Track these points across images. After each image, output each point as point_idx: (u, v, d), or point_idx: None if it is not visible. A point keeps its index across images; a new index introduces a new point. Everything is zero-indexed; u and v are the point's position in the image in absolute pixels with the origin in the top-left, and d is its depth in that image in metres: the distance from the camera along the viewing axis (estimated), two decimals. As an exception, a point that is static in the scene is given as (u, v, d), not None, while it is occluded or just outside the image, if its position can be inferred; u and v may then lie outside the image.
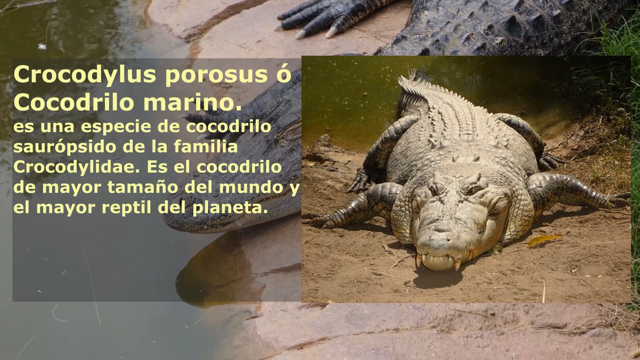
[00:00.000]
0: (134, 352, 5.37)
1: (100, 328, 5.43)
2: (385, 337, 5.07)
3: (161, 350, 5.39)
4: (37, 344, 5.36)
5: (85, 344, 5.40)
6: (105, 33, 7.82)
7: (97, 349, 5.38)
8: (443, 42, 5.97)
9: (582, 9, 6.36)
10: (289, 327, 5.18)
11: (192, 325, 5.45)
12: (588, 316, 5.23)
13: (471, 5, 6.18)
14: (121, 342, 5.39)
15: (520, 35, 6.11)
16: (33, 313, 5.54)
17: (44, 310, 5.52)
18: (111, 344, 5.38)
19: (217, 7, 7.61)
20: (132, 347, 5.39)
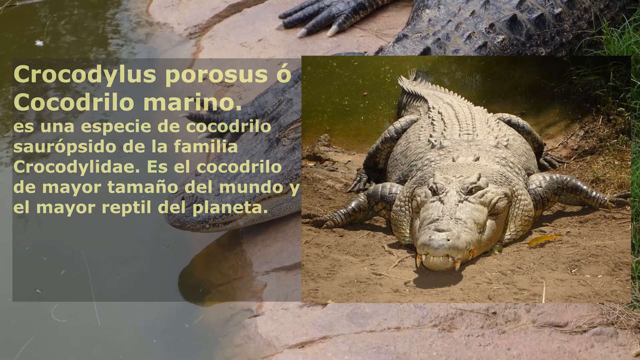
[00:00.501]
0: (134, 351, 5.37)
1: (101, 328, 5.42)
2: (386, 336, 5.07)
3: (162, 349, 5.39)
4: (37, 344, 5.36)
5: (85, 343, 5.40)
6: (106, 32, 7.82)
7: (97, 348, 5.37)
8: (444, 40, 5.97)
9: (584, 7, 6.36)
10: (290, 325, 5.18)
11: (192, 324, 5.45)
12: (589, 315, 5.22)
13: (472, 4, 6.17)
14: (122, 342, 5.38)
15: (521, 34, 6.11)
16: (33, 313, 5.53)
17: (44, 310, 5.52)
18: (111, 343, 5.38)
19: (218, 6, 7.61)
20: (133, 346, 5.39)
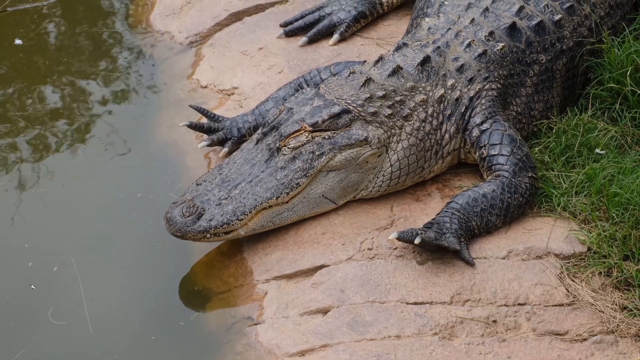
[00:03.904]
0: (135, 359, 5.38)
1: (99, 335, 5.43)
2: (387, 344, 5.08)
3: (162, 356, 5.40)
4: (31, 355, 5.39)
5: (82, 350, 5.41)
6: (107, 40, 7.84)
7: (94, 356, 5.38)
8: (444, 48, 5.97)
9: (584, 14, 6.36)
10: (291, 333, 5.19)
11: (187, 322, 5.46)
12: (589, 323, 5.24)
13: (472, 12, 6.17)
14: (121, 350, 5.39)
15: (521, 41, 6.11)
16: (28, 315, 5.56)
17: (40, 312, 5.55)
18: (110, 351, 5.39)
19: (219, 14, 7.61)
20: (132, 354, 5.40)
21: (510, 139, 5.83)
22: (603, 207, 5.70)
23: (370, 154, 5.71)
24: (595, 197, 5.73)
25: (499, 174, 5.74)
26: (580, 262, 5.52)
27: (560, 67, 6.26)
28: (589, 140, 6.11)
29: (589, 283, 5.42)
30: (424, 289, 5.30)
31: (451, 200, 5.61)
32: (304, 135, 5.64)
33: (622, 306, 5.32)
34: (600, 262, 5.48)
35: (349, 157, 5.68)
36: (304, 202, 5.68)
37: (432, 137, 5.87)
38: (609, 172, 5.84)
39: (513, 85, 6.10)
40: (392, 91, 5.79)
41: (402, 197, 5.89)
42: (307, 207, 5.70)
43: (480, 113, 5.92)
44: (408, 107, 5.81)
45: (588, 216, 5.69)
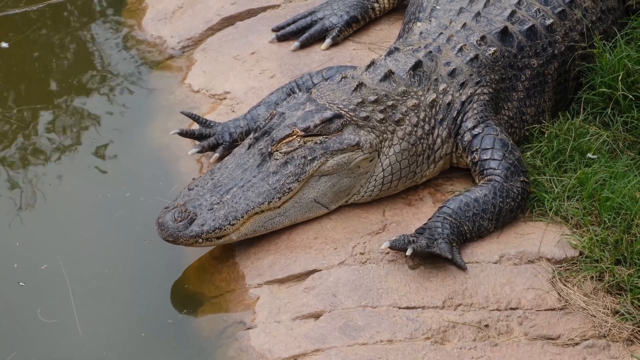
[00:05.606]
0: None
1: (89, 342, 5.42)
2: (379, 349, 5.08)
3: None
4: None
5: (75, 357, 5.41)
6: (99, 45, 7.84)
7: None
8: (436, 53, 5.98)
9: (576, 19, 6.37)
10: (283, 338, 5.19)
11: (178, 326, 5.45)
12: (581, 327, 5.25)
13: (464, 16, 6.18)
14: (112, 356, 5.38)
15: (513, 45, 6.12)
16: (17, 315, 5.55)
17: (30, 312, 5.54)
18: (101, 358, 5.38)
19: (212, 19, 7.61)
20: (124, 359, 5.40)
21: (502, 143, 5.84)
22: (595, 211, 5.71)
23: (362, 159, 5.72)
24: (587, 202, 5.74)
25: (490, 178, 5.75)
26: (572, 267, 5.53)
27: (552, 71, 6.28)
28: (580, 144, 6.12)
29: (580, 287, 5.43)
30: (416, 294, 5.31)
31: (443, 205, 5.62)
32: (296, 140, 5.64)
33: (614, 310, 5.33)
34: (592, 267, 5.49)
35: (340, 161, 5.68)
36: (296, 207, 5.68)
37: (424, 142, 5.87)
38: (600, 177, 5.86)
39: (505, 89, 6.11)
40: (384, 96, 5.79)
41: (394, 201, 5.89)
42: (299, 212, 5.70)
43: (472, 117, 5.93)
44: (400, 111, 5.81)
45: (580, 221, 5.70)
